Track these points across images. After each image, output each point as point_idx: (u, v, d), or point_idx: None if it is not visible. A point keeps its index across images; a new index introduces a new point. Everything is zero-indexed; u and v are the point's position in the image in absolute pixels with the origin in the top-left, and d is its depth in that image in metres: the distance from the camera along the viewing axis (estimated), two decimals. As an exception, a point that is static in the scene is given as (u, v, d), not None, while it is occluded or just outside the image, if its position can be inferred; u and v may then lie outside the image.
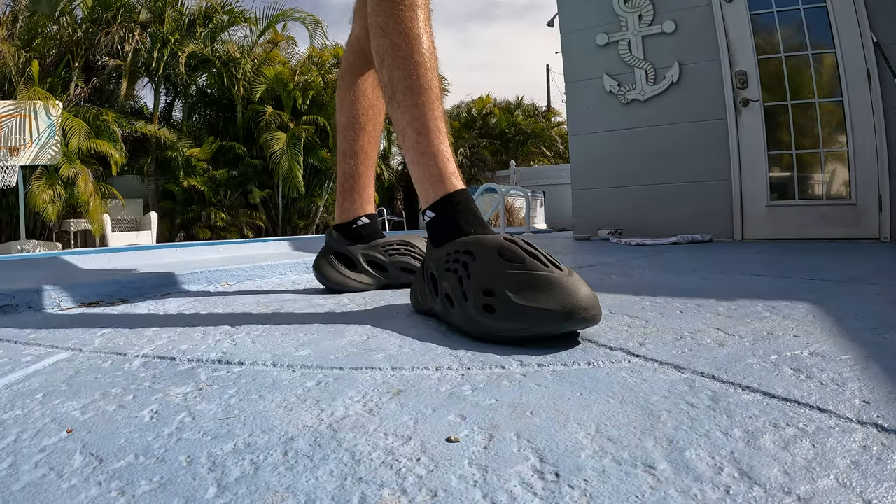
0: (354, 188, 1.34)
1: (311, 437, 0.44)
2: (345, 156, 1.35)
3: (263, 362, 0.66)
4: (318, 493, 0.35)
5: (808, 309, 0.92)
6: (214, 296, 1.26)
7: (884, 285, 1.20)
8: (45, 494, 0.35)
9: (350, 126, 1.33)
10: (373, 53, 0.98)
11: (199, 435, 0.44)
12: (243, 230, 10.48)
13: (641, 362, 0.63)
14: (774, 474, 0.36)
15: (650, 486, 0.35)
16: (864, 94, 2.94)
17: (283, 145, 10.03)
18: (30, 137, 7.86)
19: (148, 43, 9.76)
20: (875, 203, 2.94)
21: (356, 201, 1.34)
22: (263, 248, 2.55)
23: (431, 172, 0.90)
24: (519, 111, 15.49)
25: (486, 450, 0.41)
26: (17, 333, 0.88)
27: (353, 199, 1.34)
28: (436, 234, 0.89)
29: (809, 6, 3.08)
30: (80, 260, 1.82)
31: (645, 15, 3.44)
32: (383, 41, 0.94)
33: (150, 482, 0.37)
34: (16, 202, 8.24)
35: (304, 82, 10.79)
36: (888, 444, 0.40)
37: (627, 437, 0.42)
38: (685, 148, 3.35)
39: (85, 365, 0.67)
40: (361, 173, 1.34)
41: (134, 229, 9.63)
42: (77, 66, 9.37)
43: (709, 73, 3.31)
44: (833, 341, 0.70)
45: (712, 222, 3.27)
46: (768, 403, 0.49)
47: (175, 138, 9.95)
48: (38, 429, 0.47)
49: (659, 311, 0.94)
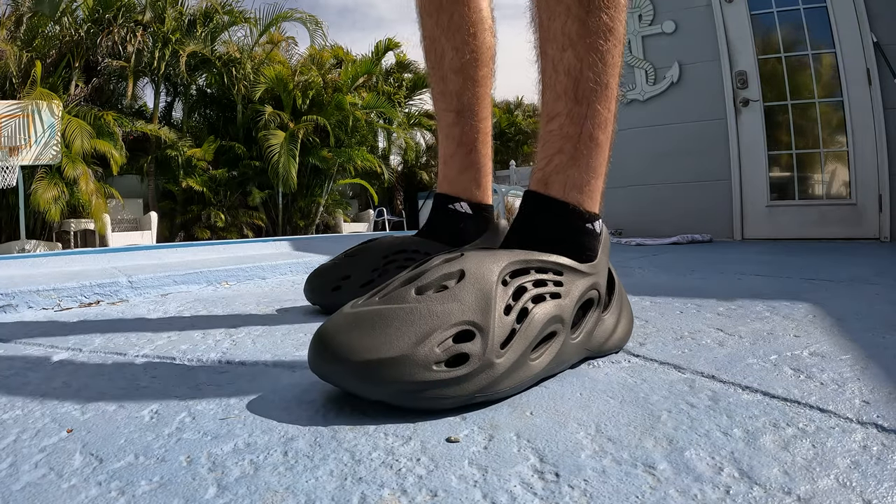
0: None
1: (311, 437, 0.43)
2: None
3: (263, 362, 0.66)
4: (318, 493, 0.35)
5: (808, 309, 0.92)
6: (214, 296, 1.26)
7: (884, 285, 1.20)
8: (45, 494, 0.35)
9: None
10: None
11: (199, 435, 0.44)
12: (243, 230, 10.48)
13: (641, 362, 0.63)
14: (774, 474, 0.36)
15: (650, 486, 0.35)
16: (864, 94, 2.94)
17: (280, 141, 10.04)
18: (31, 137, 7.86)
19: (149, 42, 9.76)
20: (875, 203, 2.94)
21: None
22: (263, 248, 2.55)
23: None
24: (519, 111, 15.48)
25: (486, 450, 0.41)
26: (17, 333, 0.88)
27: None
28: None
29: (809, 6, 3.08)
30: (80, 260, 1.82)
31: (645, 15, 3.44)
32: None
33: (150, 482, 0.37)
34: (16, 202, 8.24)
35: (304, 82, 10.79)
36: (888, 444, 0.40)
37: (627, 437, 0.42)
38: (685, 148, 3.35)
39: (85, 365, 0.67)
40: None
41: (134, 229, 9.63)
42: (77, 66, 9.37)
43: (709, 73, 3.30)
44: (833, 341, 0.70)
45: (712, 222, 3.27)
46: (768, 403, 0.49)
47: (175, 138, 9.95)
48: (38, 429, 0.47)
49: (659, 311, 0.94)
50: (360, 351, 0.46)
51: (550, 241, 0.62)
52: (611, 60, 0.62)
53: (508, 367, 0.49)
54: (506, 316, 0.51)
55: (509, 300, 0.52)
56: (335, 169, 10.98)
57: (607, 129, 0.64)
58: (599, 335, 0.63)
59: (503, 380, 0.49)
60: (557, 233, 0.63)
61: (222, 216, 10.17)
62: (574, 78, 0.62)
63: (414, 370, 0.45)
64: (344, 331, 0.49)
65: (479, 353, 0.48)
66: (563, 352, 0.56)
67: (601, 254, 0.64)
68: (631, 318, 0.70)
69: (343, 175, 11.34)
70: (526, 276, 0.55)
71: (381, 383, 0.46)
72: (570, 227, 0.63)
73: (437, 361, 0.46)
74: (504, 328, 0.50)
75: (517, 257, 0.56)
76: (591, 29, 0.60)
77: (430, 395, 0.46)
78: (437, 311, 0.49)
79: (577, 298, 0.58)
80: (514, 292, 0.53)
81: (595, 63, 0.61)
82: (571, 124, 0.62)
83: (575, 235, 0.63)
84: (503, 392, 0.50)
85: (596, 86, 0.62)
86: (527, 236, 0.63)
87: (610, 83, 0.63)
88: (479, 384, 0.47)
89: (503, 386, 0.49)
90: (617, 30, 0.62)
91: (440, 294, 0.50)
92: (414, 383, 0.45)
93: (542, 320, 0.53)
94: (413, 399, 0.46)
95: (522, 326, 0.51)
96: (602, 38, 0.61)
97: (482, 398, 0.48)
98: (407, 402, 0.47)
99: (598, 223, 0.65)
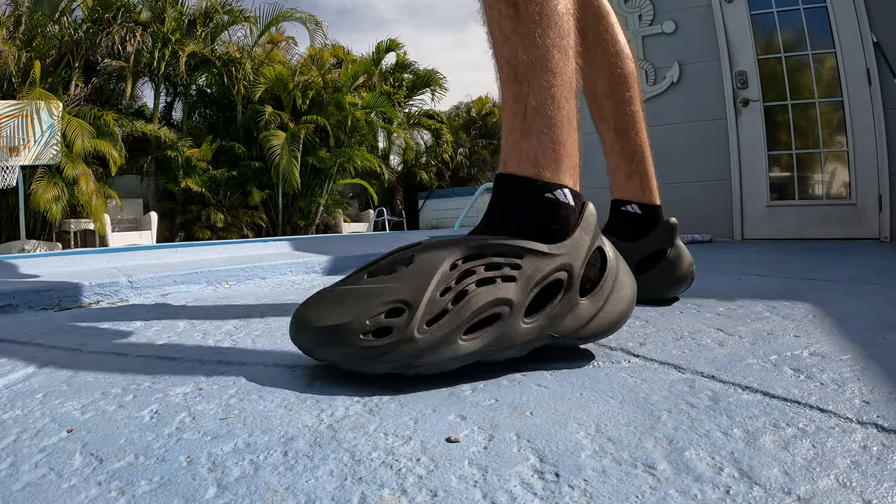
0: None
1: (311, 437, 0.43)
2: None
3: (263, 363, 0.66)
4: (318, 493, 0.35)
5: (808, 309, 0.92)
6: (214, 296, 1.26)
7: (884, 285, 1.20)
8: (45, 494, 0.35)
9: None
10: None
11: (199, 435, 0.44)
12: (243, 230, 10.48)
13: (641, 362, 0.63)
14: (774, 474, 0.36)
15: (650, 486, 0.35)
16: (864, 94, 2.93)
17: (282, 142, 10.04)
18: (31, 138, 7.86)
19: (149, 42, 9.76)
20: (875, 203, 2.94)
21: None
22: (263, 248, 2.55)
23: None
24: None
25: (486, 450, 0.41)
26: (17, 333, 0.88)
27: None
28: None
29: (809, 6, 3.08)
30: (80, 260, 1.82)
31: (645, 15, 3.44)
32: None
33: (150, 482, 0.37)
34: (16, 202, 8.24)
35: (304, 82, 10.79)
36: (888, 444, 0.40)
37: (627, 437, 0.42)
38: (685, 148, 3.35)
39: (85, 365, 0.67)
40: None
41: (134, 229, 9.63)
42: (77, 66, 9.37)
43: (709, 73, 3.30)
44: (833, 341, 0.70)
45: (712, 222, 3.27)
46: (768, 403, 0.49)
47: (175, 138, 9.95)
48: (38, 429, 0.47)
49: (659, 311, 0.94)
50: (316, 320, 0.56)
51: (515, 219, 0.62)
52: (547, 41, 0.64)
53: (431, 344, 0.54)
54: (441, 297, 0.55)
55: (451, 282, 0.56)
56: (335, 169, 10.98)
57: (558, 101, 0.64)
58: (571, 321, 0.61)
59: (425, 354, 0.54)
60: (520, 209, 0.63)
61: (222, 216, 10.17)
62: (512, 65, 0.65)
63: (349, 337, 0.54)
64: (311, 307, 0.58)
65: (402, 328, 0.54)
66: (508, 335, 0.57)
67: (579, 232, 0.62)
68: (626, 306, 0.66)
69: (343, 175, 11.34)
70: (479, 261, 0.58)
71: (329, 347, 0.55)
72: (530, 199, 0.63)
73: (365, 332, 0.54)
74: (435, 307, 0.55)
75: (474, 242, 0.59)
76: (523, 21, 0.64)
77: (362, 361, 0.54)
78: (376, 291, 0.56)
79: (535, 281, 0.58)
80: (460, 275, 0.57)
81: (528, 46, 0.64)
82: (516, 103, 0.65)
83: (537, 208, 0.62)
84: (426, 366, 0.54)
85: (533, 65, 0.64)
86: (494, 219, 0.64)
87: (550, 58, 0.64)
88: (400, 355, 0.54)
89: (425, 360, 0.54)
90: (547, 13, 0.64)
91: (388, 276, 0.57)
92: (349, 348, 0.54)
93: (480, 302, 0.56)
94: (351, 362, 0.55)
95: (457, 307, 0.55)
96: (533, 25, 0.64)
97: (409, 370, 0.54)
98: (347, 364, 0.56)
99: (563, 192, 0.63)
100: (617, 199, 1.10)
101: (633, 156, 1.08)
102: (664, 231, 1.04)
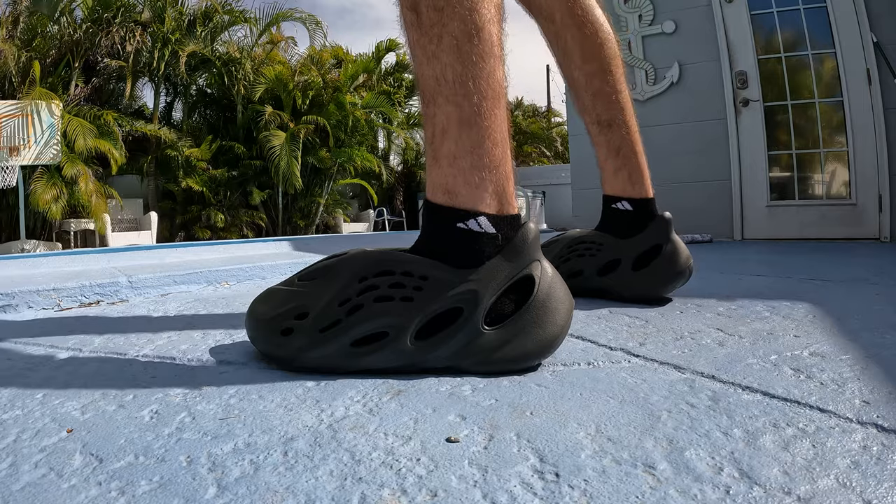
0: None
1: (311, 437, 0.43)
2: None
3: (263, 363, 0.66)
4: (318, 493, 0.35)
5: (808, 309, 0.92)
6: (214, 296, 1.26)
7: (884, 285, 1.20)
8: (45, 494, 0.35)
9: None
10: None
11: (199, 435, 0.44)
12: (243, 230, 10.47)
13: (641, 362, 0.63)
14: (774, 474, 0.36)
15: (650, 486, 0.35)
16: (864, 94, 2.93)
17: (282, 142, 10.04)
18: (31, 137, 7.86)
19: (149, 42, 9.76)
20: (875, 203, 2.94)
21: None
22: (263, 248, 2.55)
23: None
24: (519, 111, 15.48)
25: (486, 450, 0.41)
26: (17, 333, 0.88)
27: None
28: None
29: (809, 6, 3.08)
30: (80, 260, 1.82)
31: (645, 15, 3.44)
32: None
33: (150, 482, 0.37)
34: (16, 202, 8.24)
35: (304, 82, 10.79)
36: (888, 444, 0.40)
37: (627, 437, 0.42)
38: (685, 148, 3.35)
39: (85, 365, 0.67)
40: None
41: (134, 229, 9.62)
42: (77, 66, 9.36)
43: (709, 73, 3.30)
44: (833, 341, 0.70)
45: (712, 222, 3.27)
46: (768, 403, 0.49)
47: (175, 138, 9.95)
48: (38, 429, 0.47)
49: (659, 311, 0.94)
50: (255, 314, 0.65)
51: (432, 243, 0.62)
52: (453, 48, 0.57)
53: (322, 348, 0.59)
54: (339, 307, 0.60)
55: (353, 294, 0.60)
56: (335, 169, 10.98)
57: (470, 118, 0.58)
58: (475, 349, 0.58)
59: (315, 358, 0.60)
60: (436, 234, 0.62)
61: (222, 216, 10.16)
62: (420, 83, 0.61)
63: (268, 332, 0.63)
64: (258, 301, 0.66)
65: (300, 330, 0.60)
66: (396, 352, 0.58)
67: (498, 259, 0.59)
68: (550, 338, 0.60)
69: (343, 175, 11.34)
70: (386, 277, 0.60)
71: (258, 338, 0.64)
72: (443, 226, 0.61)
73: (275, 330, 0.62)
74: (331, 316, 0.59)
75: (389, 258, 0.61)
76: (424, 29, 0.59)
77: (274, 352, 0.63)
78: (296, 294, 0.63)
79: (434, 304, 0.58)
80: (363, 289, 0.60)
81: (430, 58, 0.58)
82: (427, 126, 0.61)
83: (449, 236, 0.60)
84: (312, 363, 0.60)
85: (437, 80, 0.58)
86: (421, 237, 0.64)
87: (458, 68, 0.57)
88: (294, 353, 0.60)
89: (313, 363, 0.60)
90: (450, 12, 0.57)
91: (309, 282, 0.64)
92: (268, 340, 0.63)
93: (370, 317, 0.59)
94: (271, 351, 0.63)
95: (350, 319, 0.59)
96: (434, 32, 0.58)
97: (303, 364, 0.60)
98: (269, 352, 0.63)
99: (477, 221, 0.59)
100: (607, 196, 1.07)
101: (620, 148, 1.04)
102: (659, 226, 1.02)
